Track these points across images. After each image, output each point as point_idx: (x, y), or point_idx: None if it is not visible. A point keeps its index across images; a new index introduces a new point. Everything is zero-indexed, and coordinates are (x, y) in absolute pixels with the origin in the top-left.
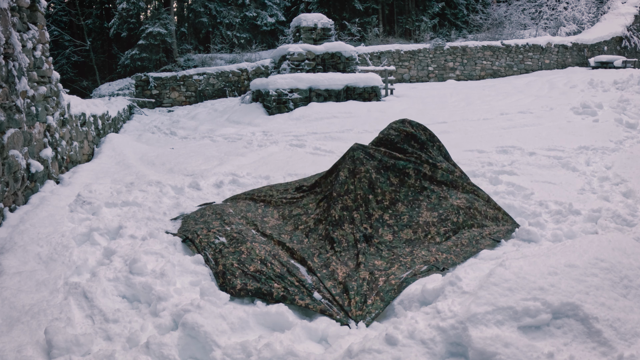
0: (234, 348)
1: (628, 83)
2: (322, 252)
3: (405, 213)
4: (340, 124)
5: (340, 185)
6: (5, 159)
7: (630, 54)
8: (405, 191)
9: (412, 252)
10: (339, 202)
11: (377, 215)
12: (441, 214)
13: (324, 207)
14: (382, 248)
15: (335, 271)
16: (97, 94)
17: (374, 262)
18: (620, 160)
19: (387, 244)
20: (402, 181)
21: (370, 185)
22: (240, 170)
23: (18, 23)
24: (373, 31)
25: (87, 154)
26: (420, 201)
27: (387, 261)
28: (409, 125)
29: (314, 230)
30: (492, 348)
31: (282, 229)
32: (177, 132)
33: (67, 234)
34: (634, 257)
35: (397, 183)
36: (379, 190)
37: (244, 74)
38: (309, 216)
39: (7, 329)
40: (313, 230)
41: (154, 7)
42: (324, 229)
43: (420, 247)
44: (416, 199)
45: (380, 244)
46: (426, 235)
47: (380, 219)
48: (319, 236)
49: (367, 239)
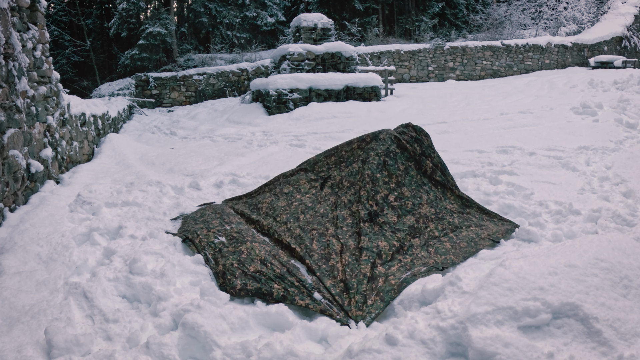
0: (234, 348)
1: (628, 83)
2: (323, 233)
3: (409, 199)
4: (340, 124)
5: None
6: (5, 159)
7: (630, 54)
8: (410, 179)
9: (412, 251)
10: (345, 186)
11: (383, 194)
12: (438, 212)
13: (324, 191)
14: (385, 229)
15: (335, 266)
16: (97, 94)
17: (378, 243)
18: (620, 160)
19: (391, 224)
20: (406, 170)
21: (379, 166)
22: (240, 170)
23: (18, 23)
24: (373, 31)
25: (87, 154)
26: (422, 193)
27: (390, 244)
28: (412, 130)
29: (310, 208)
30: (492, 348)
31: (276, 204)
32: (177, 132)
33: (67, 234)
34: (634, 257)
35: (403, 170)
36: (386, 172)
37: (244, 74)
38: (303, 195)
39: (7, 329)
40: (309, 208)
41: (154, 7)
42: (328, 202)
43: (420, 239)
44: (418, 190)
45: (385, 224)
46: (426, 228)
47: (386, 199)
48: (315, 213)
49: (372, 217)
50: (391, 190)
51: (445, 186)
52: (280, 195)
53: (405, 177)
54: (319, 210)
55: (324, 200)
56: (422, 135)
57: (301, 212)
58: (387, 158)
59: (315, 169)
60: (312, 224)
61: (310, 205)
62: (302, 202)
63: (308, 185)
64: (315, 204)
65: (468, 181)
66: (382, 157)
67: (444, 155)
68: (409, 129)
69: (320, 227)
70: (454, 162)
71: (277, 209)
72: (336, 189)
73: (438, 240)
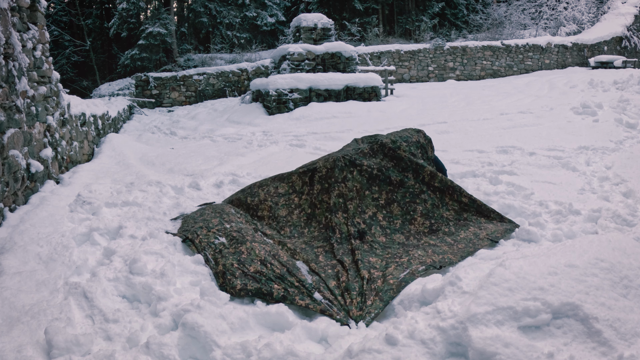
0: (234, 348)
1: (628, 83)
2: (327, 249)
3: (399, 217)
4: (340, 124)
5: (340, 171)
6: (5, 159)
7: (630, 54)
8: (404, 192)
9: (408, 252)
10: (336, 189)
11: (370, 212)
12: (432, 224)
13: (315, 188)
14: (375, 247)
15: (341, 272)
16: (97, 94)
17: (369, 259)
18: (620, 160)
19: (380, 244)
20: (402, 182)
21: (370, 181)
22: (240, 170)
23: (18, 23)
24: (373, 31)
25: (87, 154)
26: (417, 204)
27: (382, 259)
28: (422, 137)
29: (312, 216)
30: (492, 348)
31: (277, 213)
32: (177, 132)
33: (67, 234)
34: (634, 257)
35: (397, 182)
36: (376, 188)
37: (244, 74)
38: (300, 196)
39: (7, 329)
40: (311, 217)
41: (154, 7)
42: (323, 215)
43: (415, 248)
44: (413, 202)
45: (374, 243)
46: (419, 241)
47: (374, 217)
48: (318, 224)
49: (361, 235)
50: (380, 207)
51: (444, 192)
52: (278, 199)
53: (398, 191)
54: (321, 221)
55: (319, 203)
56: (429, 146)
57: (304, 224)
58: (379, 172)
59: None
60: (317, 239)
61: (310, 212)
62: (301, 207)
63: (301, 182)
64: (314, 209)
65: (468, 181)
66: (375, 170)
67: (444, 155)
68: (420, 135)
69: (325, 243)
70: (454, 162)
71: (279, 220)
72: (325, 184)
73: (435, 245)
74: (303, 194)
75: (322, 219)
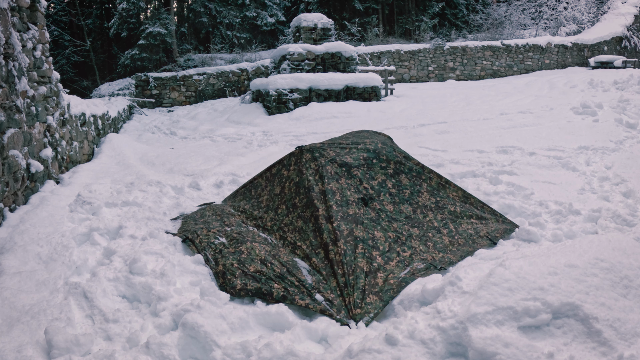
0: (234, 348)
1: (628, 83)
2: (319, 216)
3: (408, 187)
4: (340, 124)
5: (341, 149)
6: (5, 159)
7: (630, 54)
8: (410, 167)
9: (411, 243)
10: (337, 161)
11: (379, 179)
12: (438, 201)
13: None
14: (382, 217)
15: (335, 259)
16: (97, 94)
17: (374, 233)
18: (620, 160)
19: (387, 213)
20: (406, 158)
21: (376, 151)
22: (240, 170)
23: (18, 23)
24: (373, 31)
25: (87, 154)
26: (422, 180)
27: (385, 238)
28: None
29: (299, 183)
30: (492, 348)
31: (274, 194)
32: (177, 132)
33: (67, 234)
34: (634, 257)
35: (400, 160)
36: (384, 157)
37: (244, 74)
38: (288, 169)
39: (7, 329)
40: (298, 184)
41: (154, 7)
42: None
43: (419, 229)
44: (419, 177)
45: (381, 212)
46: (425, 217)
47: (384, 184)
48: (307, 191)
49: (366, 202)
50: (389, 176)
51: (445, 183)
52: (275, 179)
53: (405, 164)
54: (314, 189)
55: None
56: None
57: (295, 193)
58: (383, 145)
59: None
60: (309, 207)
61: (298, 181)
62: (291, 179)
63: (294, 158)
64: (305, 181)
65: (468, 181)
66: (379, 144)
67: (444, 156)
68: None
69: (317, 207)
70: (454, 162)
71: (275, 199)
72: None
73: (437, 231)
74: (292, 165)
75: (318, 186)
